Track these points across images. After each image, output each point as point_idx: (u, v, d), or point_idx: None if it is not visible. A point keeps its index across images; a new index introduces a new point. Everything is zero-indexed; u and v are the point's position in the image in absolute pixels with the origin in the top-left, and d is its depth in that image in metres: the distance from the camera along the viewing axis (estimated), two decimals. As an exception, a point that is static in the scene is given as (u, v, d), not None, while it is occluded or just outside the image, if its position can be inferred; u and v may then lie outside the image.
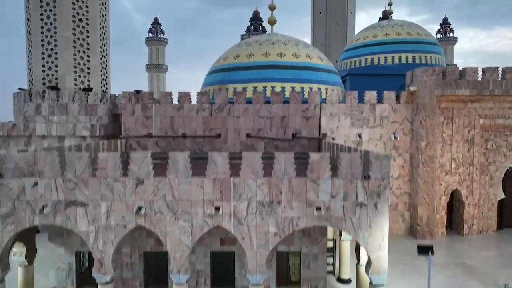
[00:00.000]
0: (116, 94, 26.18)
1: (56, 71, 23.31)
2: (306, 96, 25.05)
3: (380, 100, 23.04)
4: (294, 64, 25.67)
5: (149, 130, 22.95)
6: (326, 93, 26.00)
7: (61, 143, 22.39)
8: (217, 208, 11.42)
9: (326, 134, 22.76)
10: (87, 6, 23.87)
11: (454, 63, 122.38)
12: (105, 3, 25.46)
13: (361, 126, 22.86)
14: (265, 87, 24.97)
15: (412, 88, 22.41)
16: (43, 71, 23.29)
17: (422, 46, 41.99)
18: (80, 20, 23.64)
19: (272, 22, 30.06)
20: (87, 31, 23.98)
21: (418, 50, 41.72)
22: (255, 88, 25.06)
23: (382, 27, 43.86)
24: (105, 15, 25.51)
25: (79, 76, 23.81)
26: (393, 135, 22.74)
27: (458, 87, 21.61)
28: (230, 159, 11.69)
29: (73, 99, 22.96)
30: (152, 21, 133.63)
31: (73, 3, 23.39)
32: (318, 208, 11.35)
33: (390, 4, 49.36)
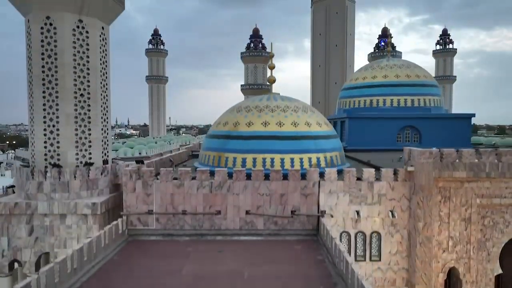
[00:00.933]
0: (118, 164, 26.45)
1: (58, 147, 23.52)
2: (305, 166, 25.34)
3: (378, 177, 23.29)
4: (293, 135, 25.94)
5: (149, 206, 23.21)
6: (325, 160, 26.32)
7: (63, 221, 22.67)
8: None
9: (325, 211, 23.02)
10: (88, 81, 24.07)
11: (454, 74, 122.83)
12: (106, 73, 25.67)
13: (360, 203, 23.11)
14: (264, 159, 25.25)
15: (409, 169, 22.66)
16: (45, 147, 23.50)
17: (420, 88, 42.34)
18: (81, 95, 23.85)
19: (271, 81, 30.35)
20: (88, 105, 24.19)
21: (417, 93, 42.05)
22: (254, 159, 25.35)
23: (381, 67, 44.13)
24: (107, 85, 25.73)
25: (80, 150, 24.02)
26: (391, 212, 23.01)
27: (455, 169, 21.87)
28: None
29: (75, 175, 23.24)
30: (152, 32, 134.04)
31: (75, 79, 23.58)
32: None
33: (390, 41, 49.65)
